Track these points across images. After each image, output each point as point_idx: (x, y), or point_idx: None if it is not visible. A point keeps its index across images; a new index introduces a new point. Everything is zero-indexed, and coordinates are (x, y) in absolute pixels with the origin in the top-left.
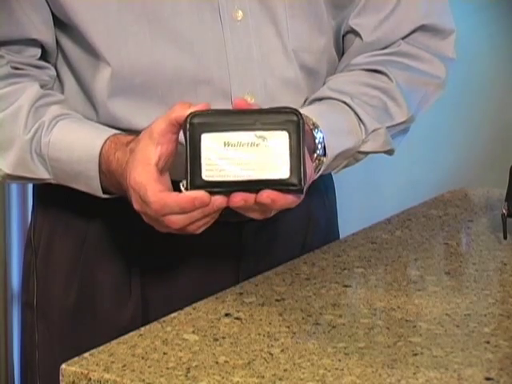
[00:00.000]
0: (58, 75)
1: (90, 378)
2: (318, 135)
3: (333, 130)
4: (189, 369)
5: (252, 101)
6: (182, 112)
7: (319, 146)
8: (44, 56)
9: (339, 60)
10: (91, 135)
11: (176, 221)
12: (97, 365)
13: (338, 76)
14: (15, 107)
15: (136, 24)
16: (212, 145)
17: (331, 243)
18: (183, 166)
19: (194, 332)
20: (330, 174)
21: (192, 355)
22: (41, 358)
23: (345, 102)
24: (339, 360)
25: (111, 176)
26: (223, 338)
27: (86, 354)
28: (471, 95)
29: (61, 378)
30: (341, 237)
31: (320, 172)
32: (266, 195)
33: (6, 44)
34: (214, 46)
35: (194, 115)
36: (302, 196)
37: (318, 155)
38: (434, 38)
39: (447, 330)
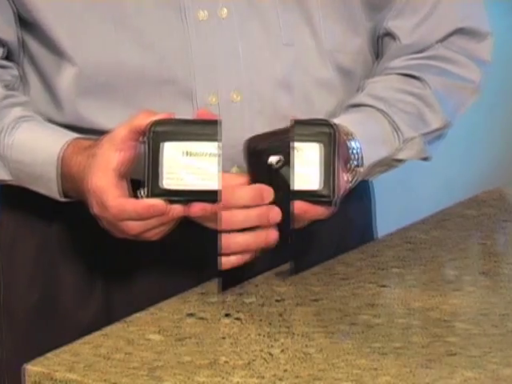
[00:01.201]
0: (22, 74)
1: (53, 378)
2: (355, 145)
3: (368, 140)
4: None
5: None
6: (144, 120)
7: (355, 157)
8: (7, 55)
9: (373, 62)
10: (52, 138)
11: (133, 227)
12: (60, 365)
13: (374, 81)
14: None
15: (100, 23)
16: (173, 153)
17: (367, 243)
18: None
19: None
20: None
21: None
22: (7, 357)
23: (381, 110)
24: (373, 360)
25: (71, 180)
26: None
27: (49, 354)
28: (507, 95)
29: (25, 378)
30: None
31: (356, 182)
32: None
33: None
34: (177, 45)
35: (156, 123)
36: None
37: (355, 166)
38: (470, 41)
39: (484, 329)
